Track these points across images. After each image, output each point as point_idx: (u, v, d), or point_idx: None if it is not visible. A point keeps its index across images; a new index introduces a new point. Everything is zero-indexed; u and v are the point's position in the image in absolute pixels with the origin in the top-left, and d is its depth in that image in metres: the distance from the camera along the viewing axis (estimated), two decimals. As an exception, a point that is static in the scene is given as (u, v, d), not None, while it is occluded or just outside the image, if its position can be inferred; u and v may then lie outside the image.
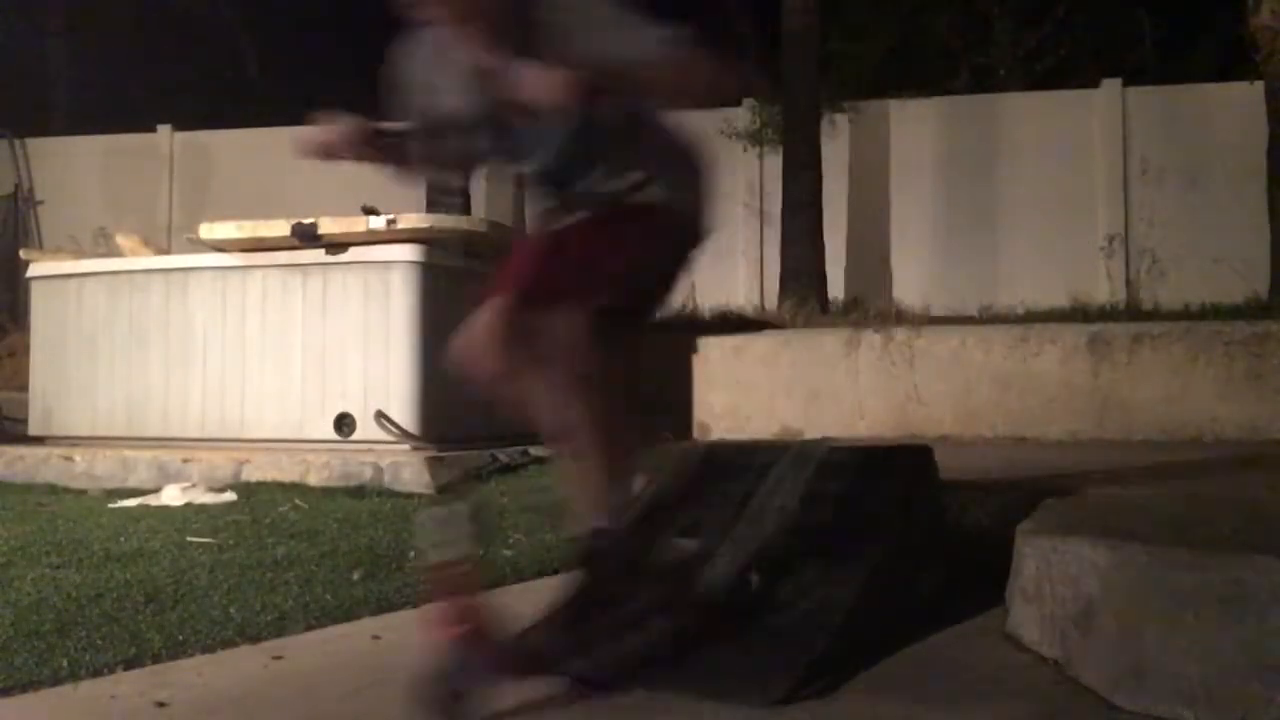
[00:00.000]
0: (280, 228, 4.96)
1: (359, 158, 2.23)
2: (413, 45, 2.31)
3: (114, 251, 5.95)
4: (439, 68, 2.26)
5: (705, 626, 2.26)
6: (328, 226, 4.92)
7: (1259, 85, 7.66)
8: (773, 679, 2.03)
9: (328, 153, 2.21)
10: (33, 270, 5.71)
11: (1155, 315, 6.60)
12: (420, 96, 2.29)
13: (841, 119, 10.15)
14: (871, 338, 6.42)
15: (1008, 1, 11.19)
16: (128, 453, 4.96)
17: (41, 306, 5.63)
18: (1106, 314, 6.64)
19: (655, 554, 2.45)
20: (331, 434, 4.87)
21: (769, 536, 2.53)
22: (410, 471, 4.51)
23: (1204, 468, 4.20)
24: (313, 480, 4.53)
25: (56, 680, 2.14)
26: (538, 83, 2.00)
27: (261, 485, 4.49)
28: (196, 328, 5.19)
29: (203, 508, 4.10)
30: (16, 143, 11.40)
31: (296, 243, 4.96)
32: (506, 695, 1.95)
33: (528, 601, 2.73)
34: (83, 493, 4.66)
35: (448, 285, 5.05)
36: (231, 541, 3.38)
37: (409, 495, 4.35)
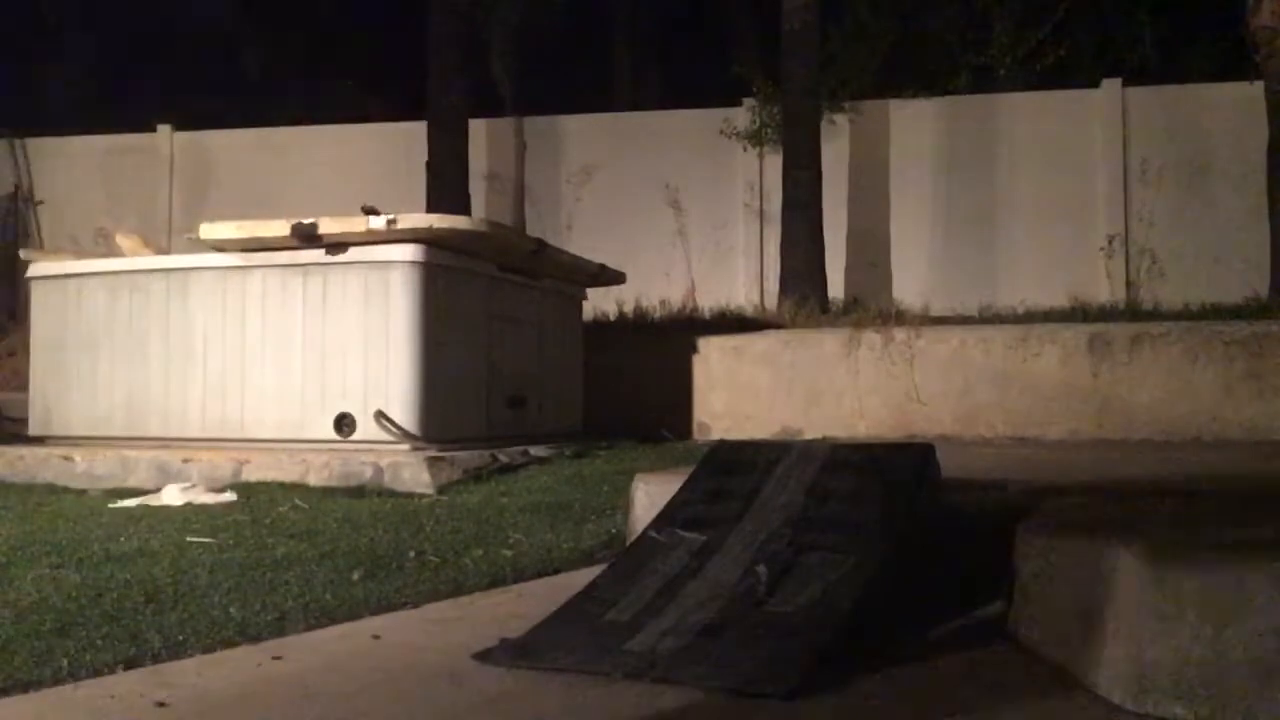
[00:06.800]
0: (280, 228, 4.95)
1: None
2: None
3: (114, 251, 5.94)
4: None
5: (716, 618, 2.28)
6: (328, 226, 4.91)
7: (1259, 85, 7.66)
8: (782, 670, 2.04)
9: None
10: (33, 270, 5.71)
11: (1155, 315, 6.60)
12: None
13: (841, 119, 10.16)
14: (871, 338, 6.42)
15: (1007, 1, 11.19)
16: (128, 453, 4.95)
17: (41, 306, 5.63)
18: (1106, 314, 6.64)
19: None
20: (331, 434, 4.87)
21: (775, 531, 2.54)
22: (410, 471, 4.51)
23: (1204, 468, 4.20)
24: (313, 480, 4.53)
25: (56, 680, 2.14)
26: None
27: (261, 485, 4.49)
28: (196, 328, 5.19)
29: (203, 508, 4.10)
30: (16, 143, 11.40)
31: (296, 243, 4.96)
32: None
33: (528, 601, 2.74)
34: (83, 493, 4.66)
35: (448, 285, 5.05)
36: (231, 541, 3.37)
37: (409, 495, 4.35)
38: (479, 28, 12.70)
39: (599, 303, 7.23)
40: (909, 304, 7.68)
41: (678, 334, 6.98)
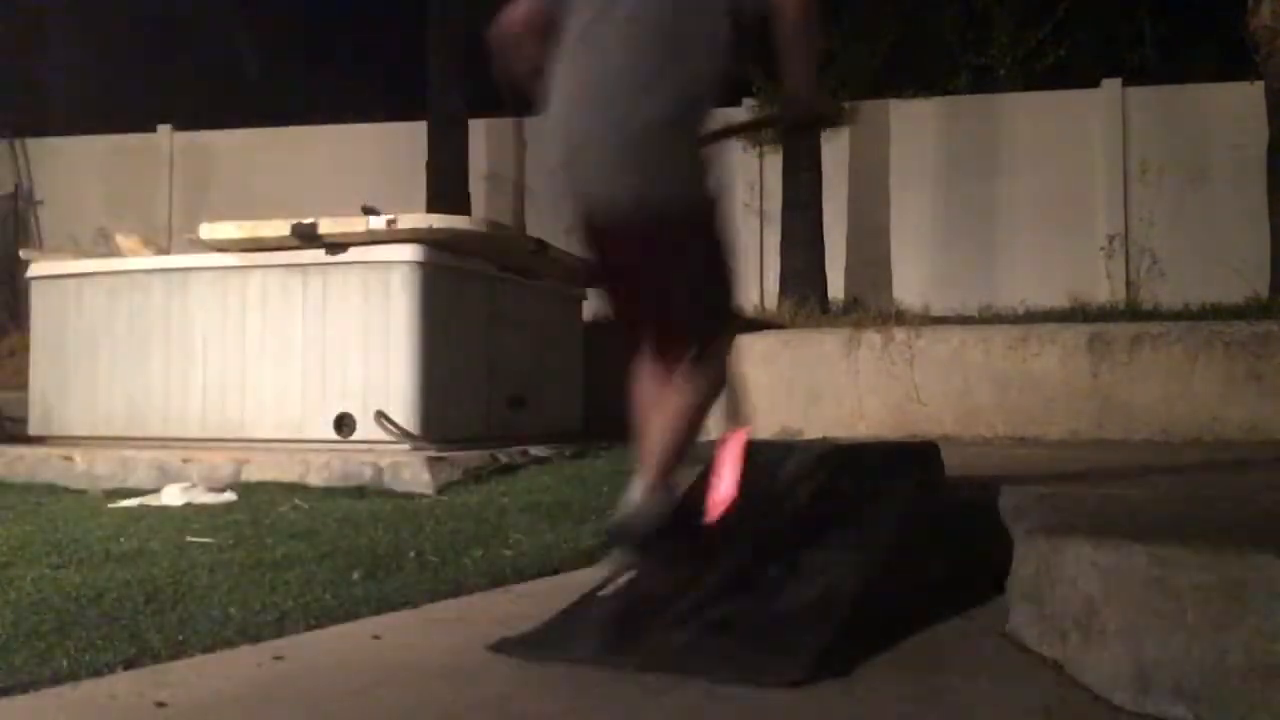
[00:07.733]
0: (280, 228, 4.96)
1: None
2: None
3: (114, 251, 5.94)
4: None
5: (723, 611, 2.29)
6: (328, 226, 4.91)
7: (1259, 85, 7.66)
8: (786, 666, 2.04)
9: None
10: (33, 270, 5.71)
11: (1155, 315, 6.60)
12: None
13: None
14: (871, 338, 6.42)
15: (1007, 2, 11.18)
16: (128, 453, 4.95)
17: (41, 306, 5.63)
18: (1106, 314, 6.64)
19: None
20: (331, 434, 4.87)
21: (778, 530, 2.55)
22: (410, 471, 4.51)
23: (1204, 468, 4.20)
24: (313, 480, 4.53)
25: (56, 680, 2.13)
26: None
27: (261, 485, 4.49)
28: (196, 328, 5.19)
29: (203, 508, 4.10)
30: (16, 143, 11.40)
31: (296, 243, 4.96)
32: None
33: (528, 601, 2.74)
34: (83, 493, 4.66)
35: (448, 285, 5.05)
36: (231, 541, 3.37)
37: (409, 495, 4.35)
38: (479, 28, 12.69)
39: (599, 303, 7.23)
40: (909, 304, 7.68)
41: (678, 334, 6.98)
